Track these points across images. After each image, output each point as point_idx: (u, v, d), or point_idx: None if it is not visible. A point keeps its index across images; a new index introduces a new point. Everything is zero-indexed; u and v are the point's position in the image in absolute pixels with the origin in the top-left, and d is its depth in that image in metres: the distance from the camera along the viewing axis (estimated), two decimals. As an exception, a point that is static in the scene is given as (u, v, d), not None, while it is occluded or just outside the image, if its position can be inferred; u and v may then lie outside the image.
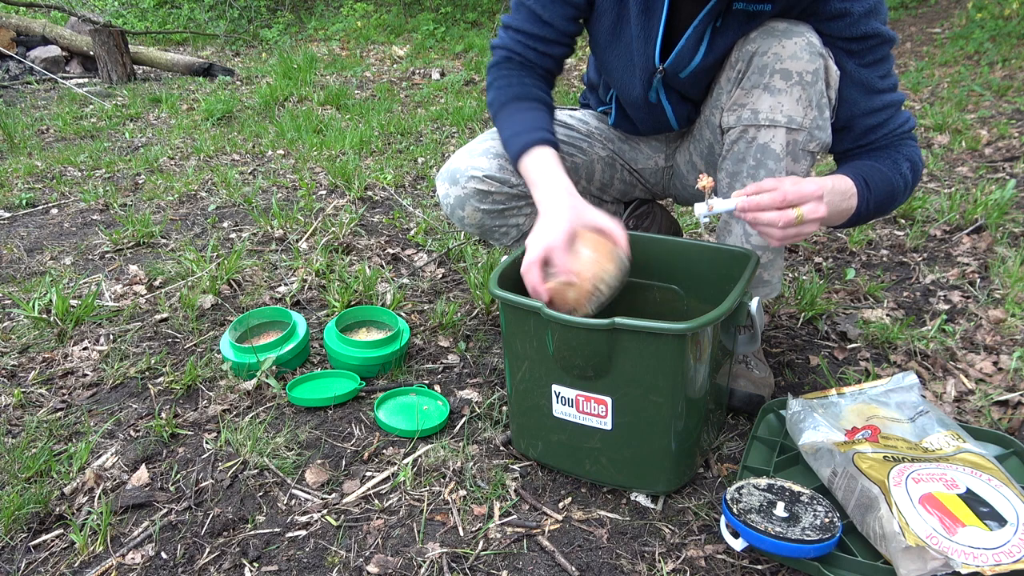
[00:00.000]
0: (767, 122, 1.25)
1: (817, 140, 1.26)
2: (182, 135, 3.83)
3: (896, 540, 0.97)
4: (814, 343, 1.69)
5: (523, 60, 1.41)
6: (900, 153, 1.28)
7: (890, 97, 1.28)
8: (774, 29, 1.23)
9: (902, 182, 1.26)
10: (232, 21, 7.99)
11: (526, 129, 1.32)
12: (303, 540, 1.16)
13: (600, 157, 1.59)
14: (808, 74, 1.21)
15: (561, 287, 1.15)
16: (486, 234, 1.54)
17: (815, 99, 1.23)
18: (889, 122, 1.28)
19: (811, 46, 1.20)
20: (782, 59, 1.21)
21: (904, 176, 1.26)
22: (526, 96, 1.38)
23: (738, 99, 1.28)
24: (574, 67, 5.63)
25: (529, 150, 1.29)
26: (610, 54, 1.42)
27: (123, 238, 2.38)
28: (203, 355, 1.70)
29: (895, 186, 1.25)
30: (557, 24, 1.37)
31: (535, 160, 1.28)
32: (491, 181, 1.45)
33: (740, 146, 1.29)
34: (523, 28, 1.38)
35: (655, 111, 1.45)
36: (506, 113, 1.38)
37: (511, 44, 1.40)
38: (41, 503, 1.23)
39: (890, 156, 1.28)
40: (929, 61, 4.85)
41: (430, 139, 3.64)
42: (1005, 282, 1.85)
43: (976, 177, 2.71)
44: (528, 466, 1.31)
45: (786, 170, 1.27)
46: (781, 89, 1.23)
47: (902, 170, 1.26)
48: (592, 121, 1.61)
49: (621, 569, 1.09)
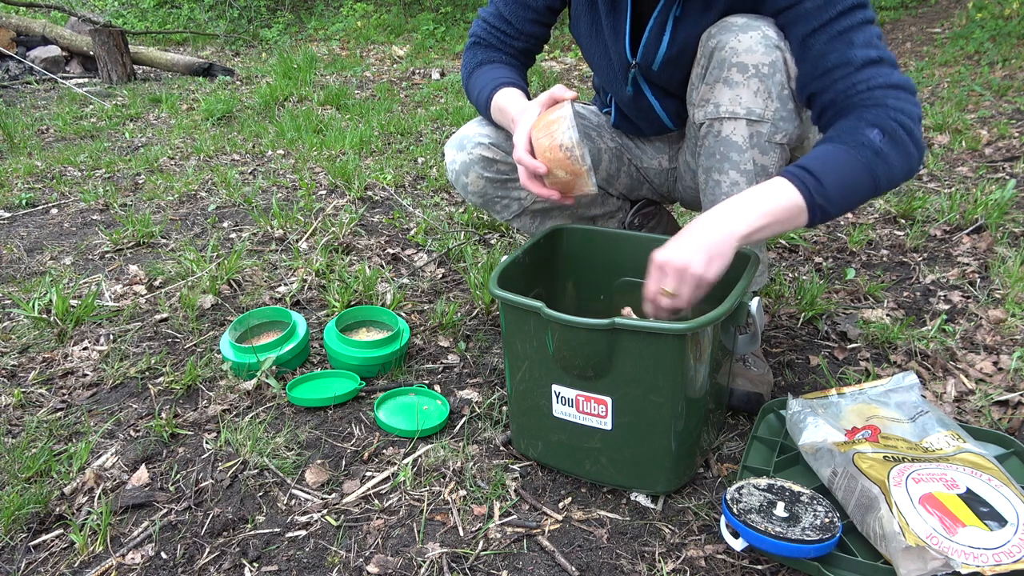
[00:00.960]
0: (728, 114, 1.26)
1: (784, 132, 1.26)
2: (182, 135, 3.83)
3: (896, 540, 0.97)
4: (814, 343, 1.69)
5: (489, 44, 1.53)
6: (863, 119, 1.11)
7: (858, 53, 1.13)
8: (732, 24, 1.24)
9: (870, 156, 1.09)
10: (232, 21, 7.99)
11: (491, 80, 1.44)
12: (303, 540, 1.16)
13: (608, 148, 1.61)
14: (764, 66, 1.21)
15: (553, 180, 1.24)
16: (488, 204, 1.56)
17: (775, 91, 1.23)
18: (853, 76, 1.13)
19: (767, 39, 1.20)
20: (738, 53, 1.22)
21: (869, 146, 1.09)
22: (490, 60, 1.51)
23: (704, 94, 1.30)
24: (574, 67, 5.64)
25: (493, 95, 1.41)
26: (592, 55, 1.49)
27: (123, 238, 2.38)
28: (203, 355, 1.70)
29: (857, 164, 1.09)
30: (516, 23, 1.48)
31: (502, 95, 1.39)
32: (497, 149, 1.48)
33: (708, 140, 1.31)
34: (489, 20, 1.51)
35: (645, 109, 1.48)
36: (473, 78, 1.51)
37: (479, 31, 1.53)
38: (41, 503, 1.23)
39: (850, 126, 1.12)
40: (929, 61, 4.85)
41: (430, 139, 3.64)
42: (1005, 282, 1.85)
43: (976, 177, 2.71)
44: (528, 466, 1.31)
45: (753, 161, 1.28)
46: (739, 82, 1.23)
47: (863, 139, 1.09)
48: (604, 117, 1.65)
49: (621, 569, 1.09)
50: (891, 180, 1.12)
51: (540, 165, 1.21)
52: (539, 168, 1.21)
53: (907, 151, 1.11)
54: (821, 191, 1.08)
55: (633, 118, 1.53)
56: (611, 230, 1.44)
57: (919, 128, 1.12)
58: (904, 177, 1.14)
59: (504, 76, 1.44)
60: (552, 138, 1.19)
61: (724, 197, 1.31)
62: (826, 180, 1.08)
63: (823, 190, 1.08)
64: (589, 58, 1.51)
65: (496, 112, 1.42)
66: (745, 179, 1.29)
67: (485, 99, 1.43)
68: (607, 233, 1.43)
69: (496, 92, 1.41)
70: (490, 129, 1.49)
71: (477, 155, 1.48)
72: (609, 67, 1.45)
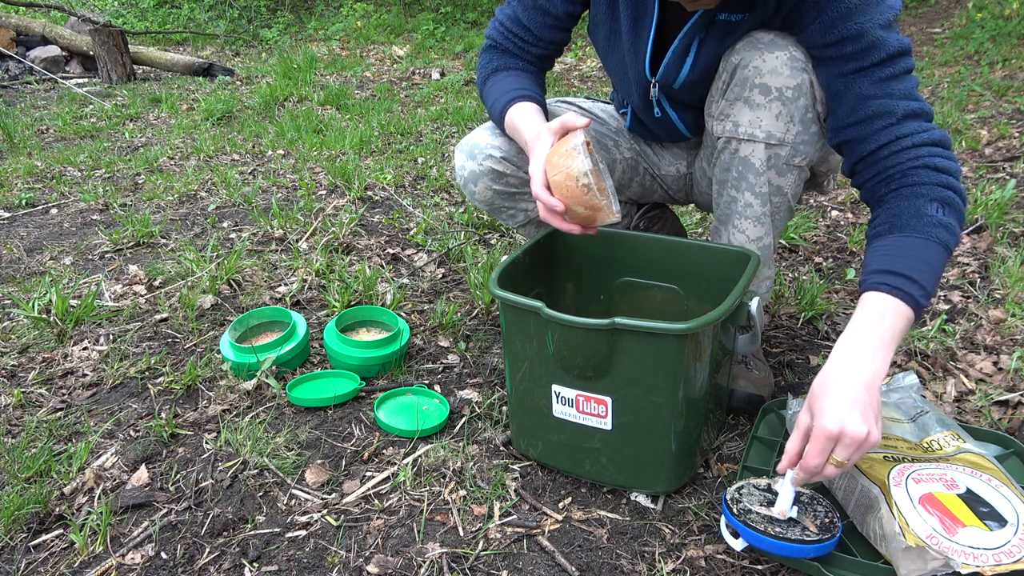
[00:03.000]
0: (746, 136, 1.25)
1: (804, 155, 1.25)
2: (182, 135, 3.83)
3: (896, 540, 0.97)
4: (814, 343, 1.69)
5: (506, 49, 1.47)
6: (920, 196, 1.08)
7: (899, 104, 1.10)
8: (758, 41, 1.20)
9: (944, 234, 1.06)
10: (232, 21, 7.99)
11: (506, 91, 1.39)
12: (303, 540, 1.16)
13: (624, 158, 1.60)
14: (788, 90, 1.19)
15: (573, 214, 1.17)
16: (494, 212, 1.55)
17: (797, 115, 1.20)
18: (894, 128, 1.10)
19: (793, 60, 1.18)
20: (762, 73, 1.19)
21: (939, 225, 1.06)
22: (507, 67, 1.46)
23: (723, 109, 1.28)
24: (574, 67, 5.63)
25: (509, 107, 1.36)
26: (609, 64, 1.45)
27: (123, 238, 2.38)
28: (203, 355, 1.70)
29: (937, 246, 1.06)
30: (535, 29, 1.43)
31: (517, 111, 1.35)
32: (508, 163, 1.46)
33: (725, 156, 1.31)
34: (506, 24, 1.45)
35: (662, 119, 1.45)
36: (489, 84, 1.46)
37: (495, 35, 1.47)
38: (41, 503, 1.23)
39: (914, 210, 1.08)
40: (929, 61, 4.85)
41: (430, 139, 3.64)
42: (1005, 282, 1.85)
43: (976, 177, 2.71)
44: (528, 466, 1.31)
45: (769, 183, 1.27)
46: (760, 104, 1.21)
47: (932, 220, 1.07)
48: (621, 120, 1.62)
49: (621, 569, 1.09)
50: (958, 242, 1.12)
51: (558, 203, 1.14)
52: (557, 207, 1.14)
53: (962, 213, 1.10)
54: (923, 292, 1.05)
55: (650, 126, 1.51)
56: (611, 230, 1.44)
57: (961, 183, 1.12)
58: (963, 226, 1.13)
59: (519, 88, 1.39)
60: (567, 174, 1.13)
61: (738, 216, 1.32)
62: (923, 279, 1.05)
63: (923, 290, 1.05)
64: (606, 65, 1.47)
65: (510, 128, 1.37)
66: (759, 201, 1.29)
67: (499, 111, 1.39)
68: (607, 233, 1.43)
69: (511, 106, 1.36)
70: (502, 140, 1.45)
71: (487, 167, 1.45)
72: (626, 79, 1.41)
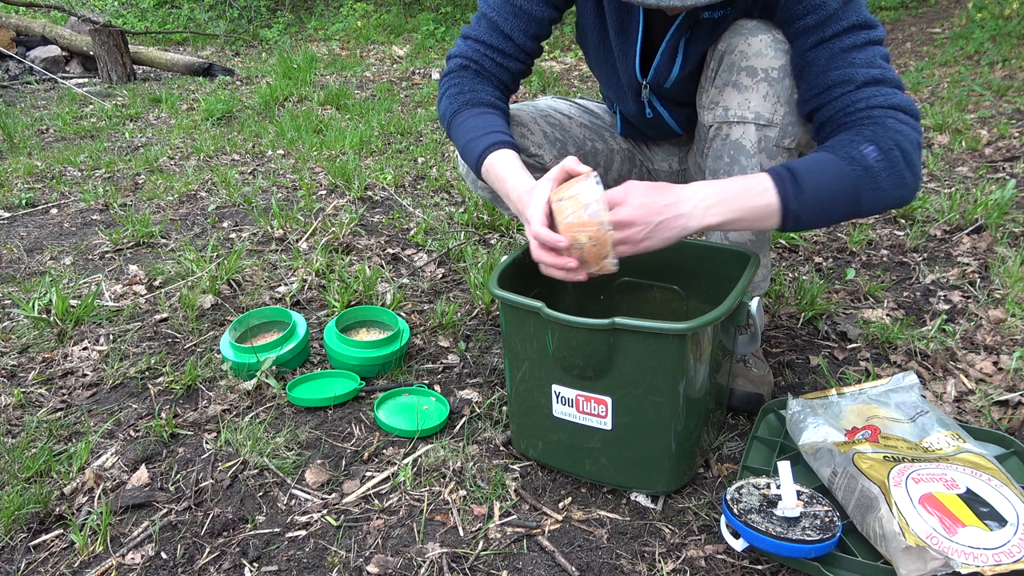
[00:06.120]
0: (736, 119, 1.26)
1: (792, 136, 1.26)
2: (182, 135, 3.83)
3: (896, 540, 0.97)
4: (814, 343, 1.69)
5: (479, 69, 1.37)
6: (860, 134, 1.08)
7: (859, 71, 1.11)
8: (742, 27, 1.23)
9: (859, 168, 1.06)
10: (232, 21, 7.99)
11: (482, 133, 1.30)
12: (303, 540, 1.16)
13: (621, 148, 1.61)
14: (774, 71, 1.21)
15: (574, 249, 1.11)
16: (496, 201, 1.56)
17: (783, 95, 1.22)
18: (853, 94, 1.11)
19: (776, 42, 1.20)
20: (747, 56, 1.22)
21: (861, 161, 1.06)
22: (478, 102, 1.35)
23: (713, 97, 1.29)
24: (574, 67, 5.63)
25: (489, 153, 1.27)
26: (600, 72, 1.46)
27: (123, 238, 2.38)
28: (203, 355, 1.70)
29: (845, 173, 1.06)
30: (516, 38, 1.35)
31: (498, 160, 1.26)
32: None
33: (716, 143, 1.31)
34: (482, 38, 1.36)
35: (653, 119, 1.47)
36: (459, 120, 1.35)
37: (468, 53, 1.37)
38: (41, 503, 1.23)
39: (847, 139, 1.09)
40: (929, 61, 4.85)
41: (430, 139, 3.64)
42: (1005, 282, 1.85)
43: (976, 177, 2.71)
44: (528, 466, 1.31)
45: (760, 166, 1.27)
46: (748, 86, 1.23)
47: (856, 153, 1.06)
48: (613, 117, 1.63)
49: (621, 569, 1.09)
50: (877, 201, 1.08)
51: (561, 239, 1.07)
52: (560, 243, 1.08)
53: (900, 174, 1.07)
54: (800, 198, 1.05)
55: (641, 127, 1.52)
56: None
57: (918, 154, 1.09)
58: (893, 202, 1.10)
59: (496, 130, 1.30)
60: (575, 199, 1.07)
61: None
62: (807, 188, 1.05)
63: (802, 197, 1.05)
64: (595, 69, 1.47)
65: (490, 177, 1.29)
66: None
67: (476, 157, 1.30)
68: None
69: (490, 153, 1.28)
70: None
71: None
72: (617, 83, 1.43)
